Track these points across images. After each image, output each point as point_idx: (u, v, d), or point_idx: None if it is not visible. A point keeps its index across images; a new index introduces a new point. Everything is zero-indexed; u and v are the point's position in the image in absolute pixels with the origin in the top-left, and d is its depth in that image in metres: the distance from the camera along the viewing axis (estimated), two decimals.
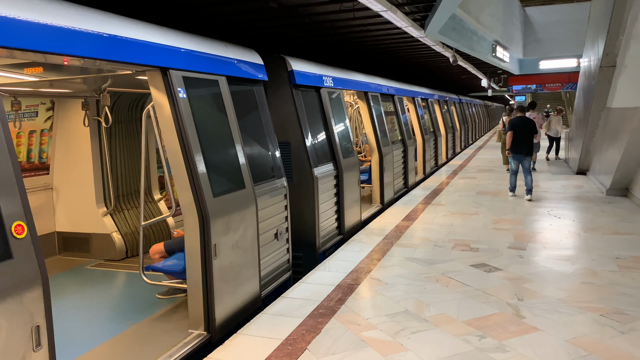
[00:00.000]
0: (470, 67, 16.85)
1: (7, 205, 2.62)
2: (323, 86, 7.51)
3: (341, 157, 7.56)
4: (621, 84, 8.18)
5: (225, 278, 4.44)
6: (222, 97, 4.90)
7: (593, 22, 11.30)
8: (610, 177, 9.88)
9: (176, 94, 4.15)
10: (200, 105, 4.51)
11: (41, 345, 2.76)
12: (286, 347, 3.92)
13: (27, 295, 2.68)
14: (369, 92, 9.80)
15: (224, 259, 4.42)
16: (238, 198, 4.75)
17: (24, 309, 2.67)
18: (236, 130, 4.97)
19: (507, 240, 6.91)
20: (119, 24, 3.77)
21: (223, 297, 4.41)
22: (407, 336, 4.06)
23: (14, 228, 2.64)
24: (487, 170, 14.56)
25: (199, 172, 4.23)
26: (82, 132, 6.46)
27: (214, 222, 4.29)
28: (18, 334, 2.63)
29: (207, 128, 4.54)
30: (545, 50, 23.23)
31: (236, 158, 4.89)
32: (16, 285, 2.62)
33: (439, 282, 5.34)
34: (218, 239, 4.34)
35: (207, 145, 4.44)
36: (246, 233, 4.81)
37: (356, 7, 6.50)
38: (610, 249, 6.37)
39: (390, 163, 10.33)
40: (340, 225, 7.60)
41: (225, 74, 5.01)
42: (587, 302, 4.69)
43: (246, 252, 4.81)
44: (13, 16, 2.84)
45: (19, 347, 2.64)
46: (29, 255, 2.71)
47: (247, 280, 4.82)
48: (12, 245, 2.62)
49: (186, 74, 4.39)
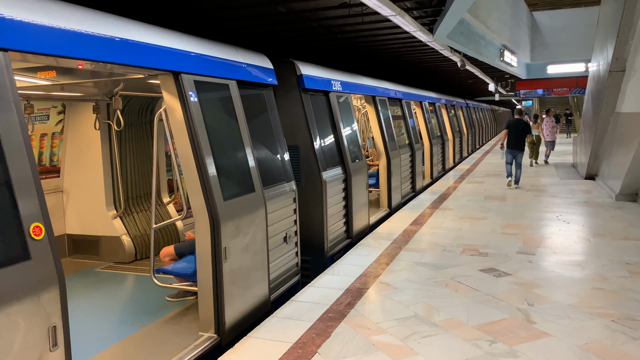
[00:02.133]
0: (478, 72, 16.83)
1: (25, 207, 2.66)
2: (332, 90, 7.53)
3: (350, 160, 7.58)
4: (631, 88, 8.16)
5: (235, 281, 4.46)
6: (233, 101, 4.94)
7: (602, 26, 11.27)
8: (619, 182, 9.82)
9: (188, 97, 4.19)
10: (211, 109, 4.54)
11: (57, 346, 2.78)
12: (296, 350, 3.92)
13: (45, 295, 2.71)
14: (376, 97, 9.82)
15: (234, 262, 4.44)
16: (248, 201, 4.76)
17: (41, 309, 2.70)
18: (246, 134, 5.00)
19: (516, 245, 6.89)
20: (132, 28, 3.81)
21: (233, 300, 4.42)
22: (417, 340, 4.05)
23: (32, 229, 2.67)
24: (494, 175, 14.51)
25: (210, 176, 4.26)
26: (93, 136, 6.51)
27: (224, 225, 4.31)
28: (35, 334, 2.66)
29: (217, 132, 4.57)
30: (552, 55, 23.18)
31: (246, 162, 4.91)
32: (34, 285, 2.65)
33: (448, 286, 5.33)
34: (228, 242, 4.35)
35: (217, 148, 4.46)
36: (256, 236, 4.83)
37: (365, 11, 6.52)
38: (620, 254, 6.33)
39: (398, 167, 10.32)
40: (348, 229, 7.60)
41: (235, 78, 5.04)
42: (598, 307, 4.66)
43: (256, 256, 4.82)
44: (28, 20, 2.88)
45: (36, 347, 2.66)
46: (47, 256, 2.74)
47: (257, 284, 4.83)
48: (30, 246, 2.65)
49: (198, 78, 4.42)
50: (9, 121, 2.68)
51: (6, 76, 2.70)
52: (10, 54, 2.79)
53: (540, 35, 23.41)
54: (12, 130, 2.68)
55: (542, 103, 46.37)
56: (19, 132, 2.71)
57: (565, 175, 14.21)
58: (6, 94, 2.68)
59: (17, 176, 2.66)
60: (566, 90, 26.48)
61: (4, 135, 2.64)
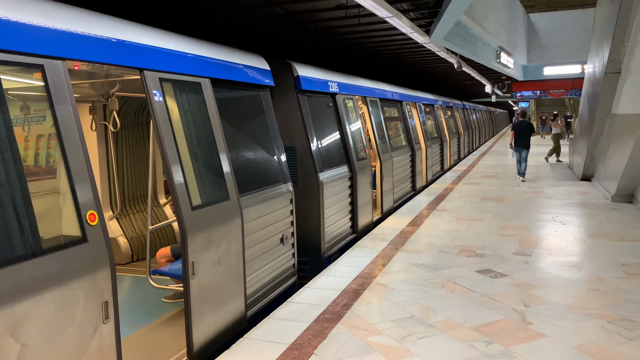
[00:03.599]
0: (475, 73, 16.89)
1: (82, 197, 3.04)
2: (328, 91, 7.54)
3: (355, 159, 7.88)
4: (626, 90, 8.18)
5: (205, 298, 4.09)
6: (205, 101, 4.52)
7: (598, 28, 11.31)
8: (615, 184, 9.86)
9: (152, 96, 3.88)
10: (178, 110, 4.20)
11: (109, 319, 3.14)
12: (293, 351, 3.92)
13: (99, 274, 3.07)
14: (367, 97, 9.65)
15: (203, 278, 4.06)
16: (221, 211, 4.36)
17: (96, 286, 3.05)
18: (220, 137, 4.60)
19: (513, 247, 6.90)
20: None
21: (202, 318, 4.06)
22: (413, 342, 4.06)
23: (88, 216, 3.04)
24: (491, 176, 14.54)
25: (176, 183, 3.90)
26: (89, 137, 6.50)
27: (192, 237, 3.94)
28: (92, 308, 3.01)
29: (185, 134, 4.22)
30: (549, 57, 23.28)
31: (219, 167, 4.52)
32: (90, 265, 3.02)
33: (444, 287, 5.34)
34: (197, 256, 3.99)
35: (185, 153, 4.13)
36: (230, 248, 4.44)
37: (362, 13, 6.54)
38: (616, 255, 6.35)
39: (390, 170, 10.08)
40: (354, 224, 7.95)
41: (209, 76, 4.63)
42: (594, 308, 4.68)
43: (230, 269, 4.44)
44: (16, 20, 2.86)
45: (92, 319, 3.02)
46: (100, 239, 3.09)
47: (231, 300, 4.46)
48: (87, 230, 3.02)
49: (163, 75, 4.06)
50: (69, 121, 3.06)
51: (64, 82, 3.08)
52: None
53: (537, 37, 23.52)
54: (71, 129, 3.07)
55: (539, 105, 46.51)
56: (75, 131, 3.09)
57: (561, 176, 14.26)
58: (69, 98, 3.09)
59: (76, 169, 3.05)
60: (563, 91, 26.59)
61: (65, 134, 3.03)
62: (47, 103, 3.03)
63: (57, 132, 3.05)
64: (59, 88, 3.04)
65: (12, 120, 2.74)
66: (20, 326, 2.57)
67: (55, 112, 3.03)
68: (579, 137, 13.96)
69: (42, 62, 2.99)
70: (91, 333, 3.00)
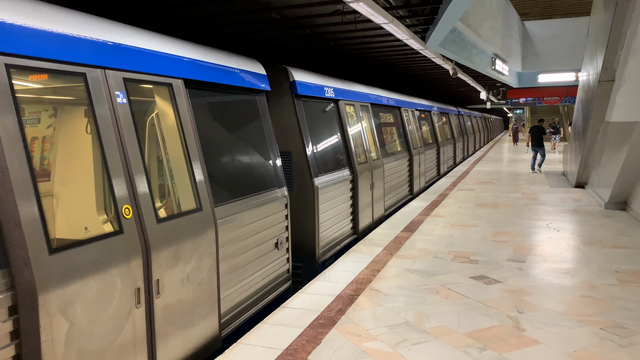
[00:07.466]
0: (470, 80, 16.98)
1: (119, 192, 3.40)
2: (325, 97, 7.56)
3: (356, 162, 8.12)
4: (620, 98, 8.24)
5: (172, 319, 3.81)
6: (177, 104, 4.21)
7: (592, 36, 11.40)
8: (608, 191, 9.91)
9: (114, 98, 3.65)
10: (145, 113, 4.02)
11: (141, 304, 3.43)
12: (286, 357, 3.91)
13: (133, 262, 3.39)
14: (360, 103, 9.26)
15: (169, 297, 3.78)
16: (191, 223, 4.06)
17: (131, 274, 3.37)
18: (193, 142, 4.28)
19: (507, 253, 6.92)
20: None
21: (168, 341, 3.77)
22: (407, 347, 4.06)
23: (123, 210, 3.39)
24: (485, 183, 14.59)
25: (139, 193, 3.58)
26: (84, 139, 6.47)
27: (157, 253, 3.64)
28: (127, 293, 3.33)
29: (152, 140, 4.05)
30: (543, 64, 23.44)
31: (191, 176, 4.22)
32: (126, 254, 3.34)
33: (438, 293, 5.34)
34: (162, 274, 3.70)
35: (151, 160, 3.96)
36: (201, 264, 4.14)
37: (358, 19, 6.58)
38: (609, 262, 6.38)
39: (367, 181, 8.84)
40: (355, 225, 8.21)
41: (181, 77, 4.31)
42: (587, 315, 4.69)
43: (201, 287, 4.14)
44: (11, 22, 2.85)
45: (127, 303, 3.34)
46: (134, 232, 3.43)
47: (202, 320, 4.17)
48: (123, 223, 3.36)
49: (128, 75, 3.77)
50: (108, 123, 3.43)
51: (103, 89, 3.45)
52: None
53: (532, 44, 23.68)
54: (110, 131, 3.45)
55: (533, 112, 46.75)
56: (112, 132, 3.45)
57: (555, 183, 14.32)
58: (109, 102, 3.46)
59: (113, 167, 3.40)
60: (557, 99, 26.75)
61: (104, 135, 3.40)
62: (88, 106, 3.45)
63: (97, 133, 3.42)
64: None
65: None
66: (70, 306, 2.91)
67: (96, 114, 3.38)
68: (572, 144, 14.05)
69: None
70: (125, 316, 3.30)
